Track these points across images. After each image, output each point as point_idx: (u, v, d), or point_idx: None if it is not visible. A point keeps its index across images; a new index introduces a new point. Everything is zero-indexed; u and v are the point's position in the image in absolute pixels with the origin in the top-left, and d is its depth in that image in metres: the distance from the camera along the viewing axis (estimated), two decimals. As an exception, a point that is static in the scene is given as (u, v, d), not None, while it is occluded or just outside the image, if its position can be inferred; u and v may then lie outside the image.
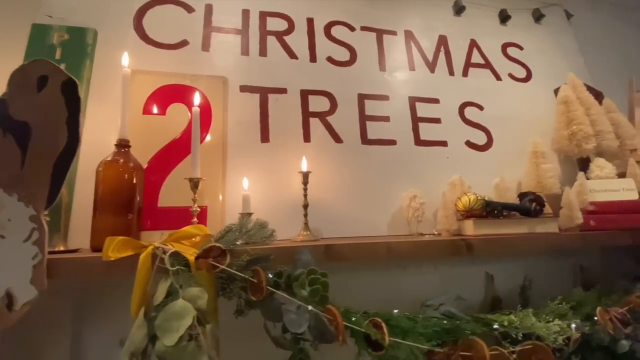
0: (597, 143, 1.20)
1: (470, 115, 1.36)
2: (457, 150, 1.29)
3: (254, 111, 1.13)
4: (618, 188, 1.10)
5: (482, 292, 1.16)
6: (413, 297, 0.97)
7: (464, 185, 1.12)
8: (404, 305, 0.86)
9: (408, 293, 0.99)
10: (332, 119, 1.19)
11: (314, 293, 0.64)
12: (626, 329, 0.81)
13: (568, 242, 0.99)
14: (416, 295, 0.96)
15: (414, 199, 1.07)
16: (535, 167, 1.20)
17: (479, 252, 0.90)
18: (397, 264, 1.09)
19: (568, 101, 1.23)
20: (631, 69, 1.70)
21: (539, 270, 1.23)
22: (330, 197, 1.11)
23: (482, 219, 0.98)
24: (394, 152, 1.22)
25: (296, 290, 0.66)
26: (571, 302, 0.88)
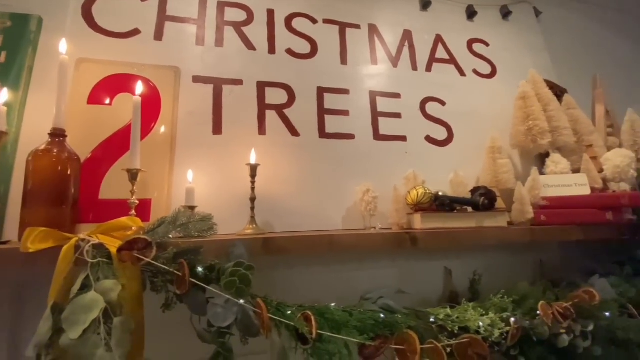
0: (554, 139, 1.21)
1: (432, 111, 1.36)
2: (416, 146, 1.29)
3: (206, 102, 1.10)
4: (571, 183, 1.10)
5: (442, 287, 1.16)
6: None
7: (417, 179, 1.11)
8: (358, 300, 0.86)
9: (365, 288, 0.98)
10: (289, 112, 1.17)
11: (229, 285, 0.63)
12: (564, 323, 0.81)
13: (516, 237, 0.99)
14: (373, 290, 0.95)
15: (367, 193, 1.06)
16: (492, 162, 1.20)
17: (424, 245, 0.90)
18: (353, 258, 1.08)
19: (526, 97, 1.23)
20: (596, 67, 1.72)
21: (500, 265, 1.23)
22: (285, 192, 1.09)
23: (430, 212, 0.97)
24: (352, 147, 1.21)
25: (221, 283, 0.64)
26: (514, 296, 0.88)
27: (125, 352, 0.55)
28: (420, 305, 0.95)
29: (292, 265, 1.00)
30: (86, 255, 0.64)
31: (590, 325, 0.82)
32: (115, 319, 0.56)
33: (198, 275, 0.68)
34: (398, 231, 0.93)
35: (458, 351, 0.76)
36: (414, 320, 0.76)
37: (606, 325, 0.86)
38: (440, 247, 1.06)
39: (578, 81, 1.64)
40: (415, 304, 1.05)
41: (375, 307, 0.78)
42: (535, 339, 0.82)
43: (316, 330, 0.66)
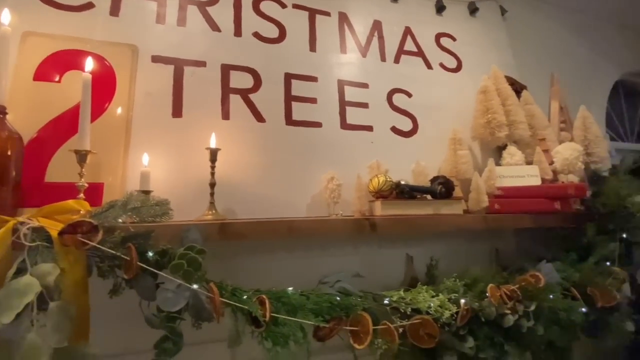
0: (510, 132, 1.27)
1: (398, 102, 1.38)
2: (382, 136, 1.31)
3: (166, 83, 1.06)
4: (524, 174, 1.16)
5: (403, 273, 1.19)
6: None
7: (381, 168, 1.13)
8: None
9: (327, 274, 0.99)
10: (255, 97, 1.15)
11: (176, 268, 0.61)
12: (509, 303, 0.86)
13: (472, 224, 1.04)
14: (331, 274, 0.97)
15: (332, 180, 1.06)
16: (453, 153, 1.24)
17: (383, 231, 0.92)
18: (316, 245, 1.08)
19: (487, 91, 1.28)
20: (554, 65, 1.81)
21: (459, 253, 1.28)
22: (249, 178, 1.08)
23: (391, 200, 1.00)
24: (319, 135, 1.21)
25: (168, 267, 0.63)
26: (466, 280, 0.92)
27: (63, 338, 0.52)
28: (382, 290, 0.98)
29: (255, 252, 1.00)
30: (23, 239, 0.60)
31: (532, 306, 0.87)
32: (52, 304, 0.53)
33: (148, 260, 0.66)
34: (358, 217, 0.94)
35: (410, 331, 0.79)
36: (369, 302, 0.78)
37: (549, 306, 0.92)
38: (398, 233, 1.08)
39: (537, 78, 1.72)
40: (378, 289, 1.08)
41: (332, 290, 0.79)
42: (483, 319, 0.87)
43: (270, 313, 0.67)
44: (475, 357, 0.83)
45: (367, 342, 0.71)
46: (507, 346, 0.85)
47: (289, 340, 0.69)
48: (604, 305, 0.99)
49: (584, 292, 1.02)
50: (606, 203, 1.14)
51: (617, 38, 2.22)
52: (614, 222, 1.12)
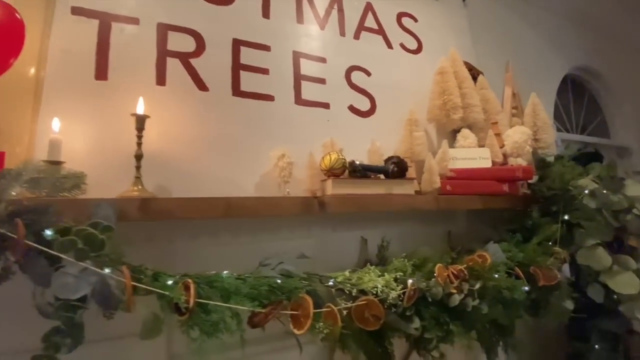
0: (465, 115, 1.26)
1: (357, 80, 1.32)
2: (339, 114, 1.25)
3: (89, 41, 0.91)
4: (475, 156, 1.16)
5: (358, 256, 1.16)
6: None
7: (335, 147, 1.07)
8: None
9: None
10: (197, 63, 1.03)
11: (64, 246, 0.51)
12: (455, 282, 0.85)
13: (422, 204, 1.02)
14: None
15: (282, 158, 0.99)
16: (409, 134, 1.21)
17: (332, 210, 0.87)
18: (265, 229, 1.01)
19: (444, 72, 1.26)
20: (510, 54, 1.85)
21: (413, 236, 1.26)
22: (188, 153, 0.97)
23: (342, 179, 0.94)
24: (270, 109, 1.12)
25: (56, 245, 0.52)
26: (414, 260, 0.90)
27: None
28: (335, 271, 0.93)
29: (195, 235, 0.90)
30: None
31: (477, 284, 0.87)
32: None
33: (44, 239, 0.55)
34: (301, 195, 0.88)
35: (356, 314, 0.75)
36: (316, 285, 0.73)
37: (494, 285, 0.93)
38: (349, 212, 1.04)
39: (493, 66, 1.74)
40: (331, 272, 1.05)
41: (274, 273, 0.73)
42: (430, 299, 0.85)
43: (194, 299, 0.59)
44: (421, 337, 0.81)
45: (307, 327, 0.65)
46: (453, 325, 0.84)
47: (219, 328, 0.62)
48: (546, 284, 1.02)
49: (527, 272, 1.04)
50: (551, 186, 1.18)
51: (568, 33, 2.33)
52: (557, 205, 1.16)
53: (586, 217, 1.09)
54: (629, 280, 1.03)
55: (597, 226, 1.07)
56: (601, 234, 1.07)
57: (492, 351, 1.02)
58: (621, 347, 1.29)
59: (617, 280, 1.04)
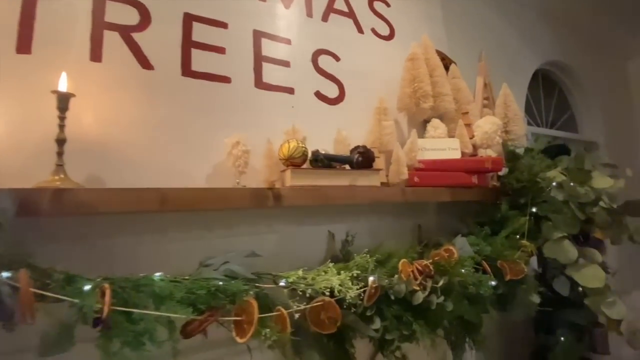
0: (436, 104, 1.21)
1: (325, 65, 1.24)
2: (305, 100, 1.16)
3: (8, 8, 0.78)
4: (445, 147, 1.12)
5: (325, 251, 1.09)
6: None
7: (298, 135, 0.99)
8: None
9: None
10: (140, 38, 0.92)
11: None
12: (419, 279, 0.80)
13: (389, 197, 0.96)
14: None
15: (237, 146, 0.90)
16: (377, 123, 1.15)
17: (289, 203, 0.79)
18: (221, 224, 0.93)
19: (415, 59, 1.20)
20: (483, 45, 1.82)
21: (382, 230, 1.22)
22: (129, 139, 0.86)
23: (303, 169, 0.87)
24: (226, 92, 1.02)
25: None
26: (378, 255, 0.84)
27: None
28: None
29: (139, 231, 0.80)
30: None
31: (441, 281, 0.82)
32: None
33: None
34: (258, 187, 0.80)
35: (311, 316, 0.68)
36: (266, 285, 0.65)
37: (459, 281, 0.89)
38: (308, 205, 0.96)
39: (465, 56, 1.70)
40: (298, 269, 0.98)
41: (217, 274, 0.64)
42: (393, 297, 0.79)
43: (109, 307, 0.49)
44: (382, 339, 0.75)
45: (249, 334, 0.58)
46: (416, 324, 0.79)
47: (143, 339, 0.53)
48: (512, 278, 0.99)
49: (494, 266, 1.01)
50: (519, 179, 1.15)
51: (542, 27, 2.34)
52: (525, 197, 1.14)
53: (554, 210, 1.07)
54: (595, 273, 1.02)
55: (564, 219, 1.05)
56: (568, 226, 1.06)
57: (459, 348, 0.98)
58: (586, 339, 1.30)
59: (583, 273, 1.03)
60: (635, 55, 3.00)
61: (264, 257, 0.77)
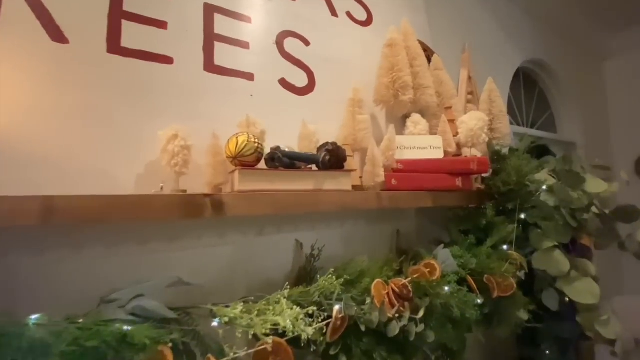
0: (417, 97, 1.08)
1: (292, 49, 1.08)
2: (267, 89, 1.00)
3: None
4: (426, 145, 0.98)
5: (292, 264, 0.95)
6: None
7: (255, 128, 0.83)
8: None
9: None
10: (51, 3, 0.72)
11: None
12: (393, 308, 0.66)
13: (360, 203, 0.81)
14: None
15: (174, 139, 0.72)
16: (351, 117, 1.00)
17: (234, 213, 0.62)
18: (156, 236, 0.75)
19: (394, 44, 1.06)
20: (467, 38, 1.72)
21: (363, 235, 1.10)
22: (32, 130, 0.67)
23: (256, 170, 0.71)
24: (167, 75, 0.84)
25: None
26: (346, 276, 0.69)
27: None
28: (264, 288, 0.70)
29: (46, 247, 0.61)
30: None
31: (421, 310, 0.68)
32: None
33: None
34: (193, 193, 0.63)
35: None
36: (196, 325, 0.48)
37: (443, 303, 0.75)
38: (259, 215, 0.81)
39: (448, 50, 1.59)
40: (259, 287, 0.81)
41: (122, 314, 0.47)
42: (364, 329, 0.65)
43: None
44: (349, 383, 0.61)
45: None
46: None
47: None
48: (501, 295, 0.87)
49: (480, 280, 0.88)
50: (507, 181, 1.04)
51: (524, 24, 2.27)
52: (513, 202, 1.02)
53: (544, 216, 0.97)
54: (588, 287, 0.92)
55: (555, 226, 0.95)
56: (559, 234, 0.95)
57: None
58: (572, 352, 1.21)
59: (575, 287, 0.93)
60: (612, 56, 3.02)
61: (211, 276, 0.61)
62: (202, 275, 0.82)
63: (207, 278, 0.83)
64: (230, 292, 0.86)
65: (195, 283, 0.57)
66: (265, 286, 0.88)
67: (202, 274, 0.82)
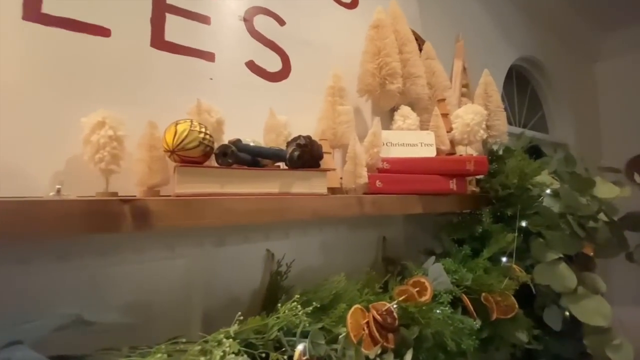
0: (406, 87, 0.95)
1: (264, 28, 0.93)
2: (231, 71, 0.85)
3: None
4: (416, 142, 0.85)
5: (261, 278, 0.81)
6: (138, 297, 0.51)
7: (209, 117, 0.68)
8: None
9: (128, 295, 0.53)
10: (-60, -50, 0.56)
11: None
12: (376, 346, 0.52)
13: (336, 210, 0.67)
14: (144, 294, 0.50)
15: (100, 128, 0.57)
16: (330, 107, 0.86)
17: (163, 224, 0.47)
18: (106, 246, 0.61)
19: (381, 26, 0.93)
20: (461, 30, 1.61)
21: (343, 243, 0.98)
22: None
23: (202, 168, 0.56)
24: (102, 49, 0.68)
25: None
26: (315, 303, 0.55)
27: None
28: (227, 310, 0.58)
29: None
30: None
31: (408, 355, 0.54)
32: None
33: None
34: (105, 198, 0.47)
35: None
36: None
37: (434, 333, 0.62)
38: (202, 226, 0.66)
39: (441, 41, 1.48)
40: (220, 308, 0.71)
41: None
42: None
43: None
44: None
45: None
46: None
47: None
48: (501, 317, 0.75)
49: (477, 299, 0.76)
50: (506, 184, 0.91)
51: (518, 19, 2.17)
52: (513, 208, 0.90)
53: (548, 225, 0.85)
54: (598, 307, 0.81)
55: (561, 236, 0.83)
56: (565, 245, 0.84)
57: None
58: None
59: (583, 306, 0.81)
60: (603, 58, 2.97)
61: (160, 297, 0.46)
62: (149, 295, 0.68)
63: (155, 299, 0.69)
64: (181, 318, 0.72)
65: (107, 321, 0.42)
66: (228, 308, 0.74)
67: (148, 294, 0.68)
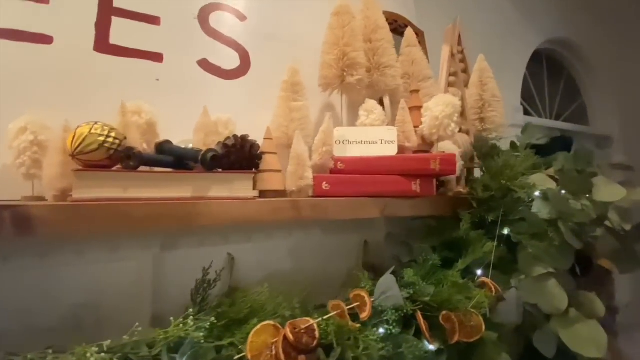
0: (373, 79, 0.86)
1: (221, 25, 0.90)
2: (179, 72, 0.83)
3: None
4: (376, 140, 0.77)
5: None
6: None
7: (139, 117, 0.66)
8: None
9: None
10: None
11: None
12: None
13: (265, 214, 0.62)
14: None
15: (22, 134, 0.57)
16: (284, 103, 0.81)
17: (53, 231, 0.46)
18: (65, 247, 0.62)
19: (342, 13, 0.85)
20: (470, 18, 1.45)
21: (318, 248, 0.91)
22: None
23: (102, 172, 0.54)
24: (43, 57, 0.69)
25: None
26: (213, 318, 0.50)
27: None
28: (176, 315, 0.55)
29: None
30: None
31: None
32: None
33: None
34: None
35: None
36: None
37: (367, 355, 0.54)
38: (96, 233, 0.63)
39: (438, 29, 1.35)
40: (173, 314, 0.67)
41: None
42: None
43: None
44: None
45: None
46: None
47: None
48: (463, 340, 0.64)
49: (437, 319, 0.66)
50: (488, 185, 0.79)
51: (541, 0, 1.94)
52: (495, 212, 0.78)
53: (534, 233, 0.72)
54: (592, 334, 0.66)
55: (547, 247, 0.70)
56: (554, 258, 0.70)
57: None
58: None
59: (574, 332, 0.67)
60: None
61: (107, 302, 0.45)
62: (97, 298, 0.68)
63: (103, 302, 0.68)
64: (129, 320, 0.71)
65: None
66: (179, 314, 0.72)
67: (96, 297, 0.67)
